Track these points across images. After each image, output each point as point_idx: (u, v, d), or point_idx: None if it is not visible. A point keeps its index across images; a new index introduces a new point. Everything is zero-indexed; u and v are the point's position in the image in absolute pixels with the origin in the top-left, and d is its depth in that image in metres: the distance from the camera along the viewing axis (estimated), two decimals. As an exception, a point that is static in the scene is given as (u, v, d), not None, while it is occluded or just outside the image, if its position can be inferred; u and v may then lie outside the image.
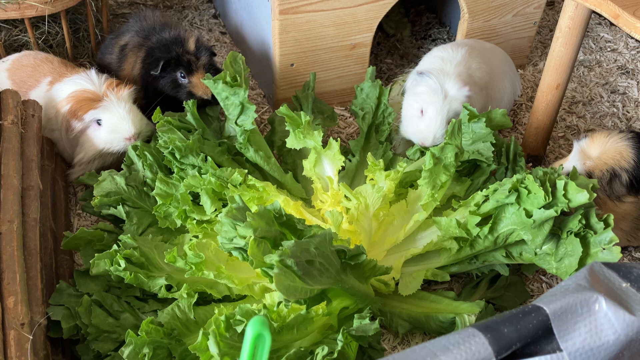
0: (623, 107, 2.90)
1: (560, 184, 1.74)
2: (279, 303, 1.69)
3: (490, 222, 1.83)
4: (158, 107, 2.22)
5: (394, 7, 2.63)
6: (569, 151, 2.20)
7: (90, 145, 2.24)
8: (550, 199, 1.73)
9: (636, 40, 3.28)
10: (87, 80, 2.24)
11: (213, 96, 2.33)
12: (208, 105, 2.41)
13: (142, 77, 2.44)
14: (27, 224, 1.84)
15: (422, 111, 2.22)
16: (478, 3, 2.74)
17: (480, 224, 1.84)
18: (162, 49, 2.39)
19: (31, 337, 1.55)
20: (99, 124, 2.21)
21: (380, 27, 3.07)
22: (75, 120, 2.20)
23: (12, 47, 2.76)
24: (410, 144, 2.43)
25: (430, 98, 2.20)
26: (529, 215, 1.76)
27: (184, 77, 2.38)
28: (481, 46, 2.56)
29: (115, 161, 2.32)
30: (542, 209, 1.73)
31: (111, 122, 2.19)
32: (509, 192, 1.79)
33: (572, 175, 1.85)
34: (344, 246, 1.63)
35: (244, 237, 1.55)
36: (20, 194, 1.88)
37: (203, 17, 3.34)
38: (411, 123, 2.27)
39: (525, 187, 1.77)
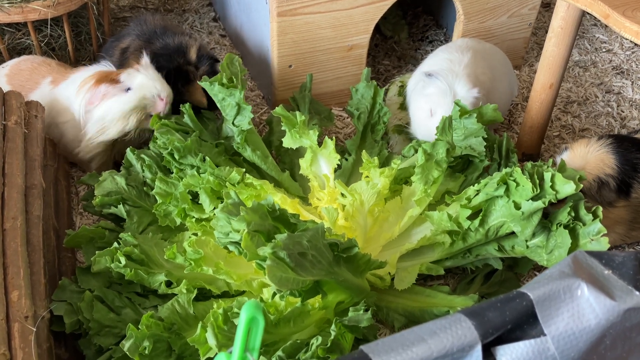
0: (618, 106, 2.94)
1: (547, 175, 1.78)
2: (274, 294, 1.73)
3: (481, 214, 1.87)
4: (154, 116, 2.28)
5: (391, 9, 2.67)
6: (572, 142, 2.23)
7: (118, 107, 2.23)
8: (538, 190, 1.77)
9: (631, 40, 3.32)
10: (103, 67, 2.32)
11: (209, 103, 2.39)
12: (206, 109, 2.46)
13: None
14: (31, 221, 1.88)
15: (431, 111, 2.26)
16: (473, 5, 2.78)
17: (471, 217, 1.88)
18: (165, 57, 2.44)
19: (34, 330, 1.59)
20: (127, 92, 2.24)
21: (377, 29, 3.11)
22: (106, 83, 2.22)
23: (16, 50, 2.81)
24: (407, 143, 2.47)
25: (440, 100, 2.24)
26: (517, 207, 1.80)
27: (182, 86, 2.44)
28: (483, 48, 2.59)
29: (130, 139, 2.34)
30: (530, 200, 1.77)
31: (145, 81, 2.23)
32: (498, 184, 1.84)
33: (560, 167, 1.89)
34: (337, 239, 1.67)
35: (238, 231, 1.59)
36: (23, 192, 1.92)
37: (203, 20, 3.38)
38: (422, 123, 2.31)
39: (514, 180, 1.81)
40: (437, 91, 2.25)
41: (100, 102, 2.24)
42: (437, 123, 2.23)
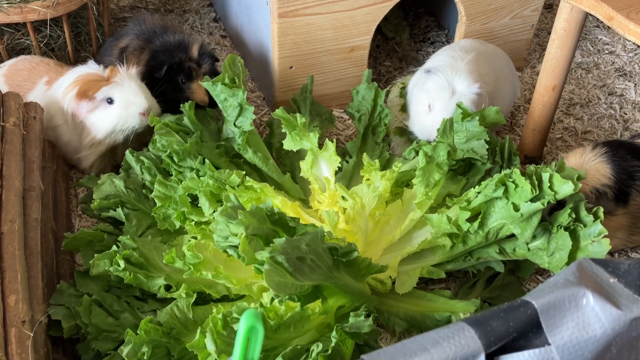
0: (620, 108, 2.92)
1: (545, 176, 1.77)
2: (272, 299, 1.71)
3: (480, 217, 1.85)
4: (151, 114, 2.26)
5: (393, 10, 2.65)
6: (566, 152, 2.22)
7: (102, 124, 2.24)
8: (537, 192, 1.75)
9: (634, 42, 3.30)
10: (88, 68, 2.29)
11: (210, 102, 2.38)
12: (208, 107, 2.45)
13: (144, 79, 2.47)
14: (29, 224, 1.86)
15: (430, 107, 2.25)
16: (475, 6, 2.76)
17: (471, 220, 1.87)
18: (166, 53, 2.43)
19: (32, 335, 1.57)
20: (110, 103, 2.23)
21: (379, 30, 3.09)
22: (85, 100, 2.21)
23: (15, 51, 2.79)
24: (408, 145, 2.45)
25: (438, 94, 2.24)
26: (516, 208, 1.78)
27: (184, 83, 2.43)
28: (486, 49, 2.57)
29: (127, 141, 2.33)
30: (529, 202, 1.76)
31: (124, 97, 2.22)
32: (496, 186, 1.82)
33: (559, 167, 1.87)
34: (336, 244, 1.65)
35: (237, 235, 1.58)
36: (21, 194, 1.91)
37: (204, 21, 3.37)
38: (418, 119, 2.30)
39: (513, 181, 1.80)
40: (436, 86, 2.24)
41: (86, 115, 2.24)
42: (433, 118, 2.22)
